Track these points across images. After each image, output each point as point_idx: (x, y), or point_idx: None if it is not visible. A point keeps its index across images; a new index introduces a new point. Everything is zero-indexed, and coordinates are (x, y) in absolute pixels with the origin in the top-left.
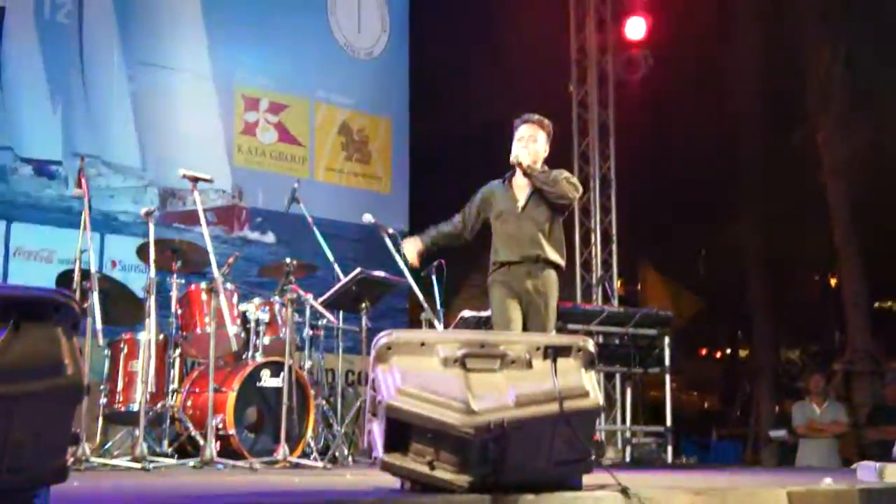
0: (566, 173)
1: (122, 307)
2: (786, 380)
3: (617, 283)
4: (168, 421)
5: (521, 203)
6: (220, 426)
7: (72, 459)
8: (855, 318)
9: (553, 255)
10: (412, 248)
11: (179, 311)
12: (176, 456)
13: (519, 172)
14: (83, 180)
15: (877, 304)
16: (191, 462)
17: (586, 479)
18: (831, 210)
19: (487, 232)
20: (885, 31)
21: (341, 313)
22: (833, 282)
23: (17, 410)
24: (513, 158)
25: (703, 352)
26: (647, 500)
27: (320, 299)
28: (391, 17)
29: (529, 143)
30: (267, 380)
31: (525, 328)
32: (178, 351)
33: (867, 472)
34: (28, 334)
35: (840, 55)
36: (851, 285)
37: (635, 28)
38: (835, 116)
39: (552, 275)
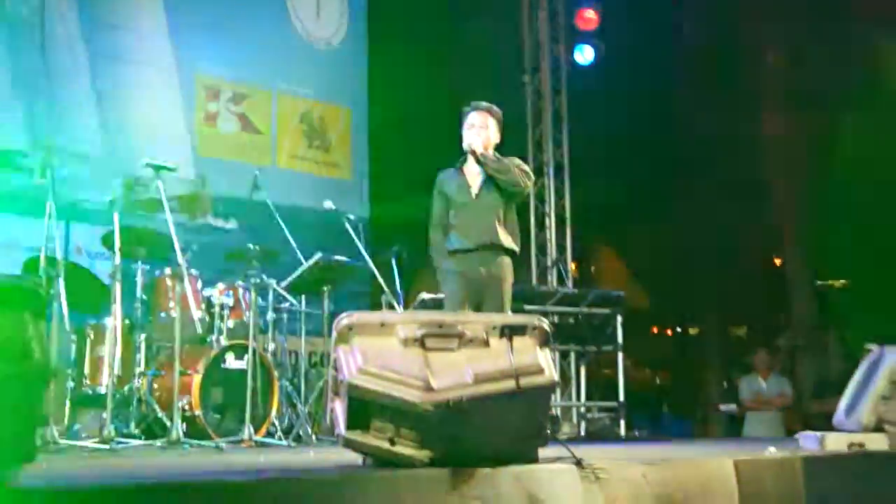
0: (518, 161)
1: (89, 294)
2: (733, 356)
3: (571, 266)
4: (135, 403)
5: (474, 190)
6: (187, 407)
7: (40, 442)
8: (798, 296)
9: (508, 242)
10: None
11: (145, 297)
12: (143, 437)
13: (471, 159)
14: (48, 170)
15: (819, 282)
16: (158, 443)
17: (542, 453)
18: (774, 193)
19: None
20: (827, 29)
21: (304, 297)
22: (777, 260)
23: None
24: (465, 145)
25: (655, 330)
26: (601, 470)
27: (283, 283)
28: (350, 8)
29: (481, 130)
30: (231, 362)
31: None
32: (143, 336)
33: (809, 441)
34: None
35: (783, 41)
36: (795, 264)
37: (586, 18)
38: (780, 102)
39: (507, 261)
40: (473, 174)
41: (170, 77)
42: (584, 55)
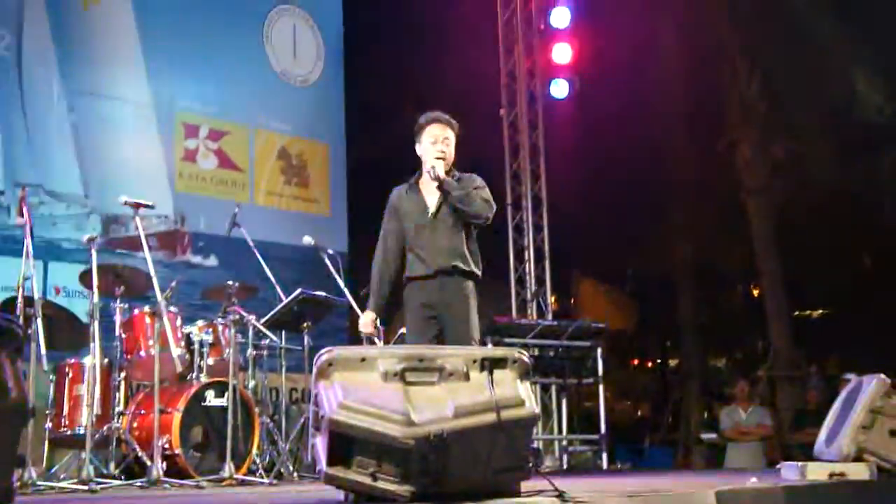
0: (479, 184)
1: (67, 332)
2: (714, 387)
3: (551, 298)
4: (114, 443)
5: (431, 209)
6: (166, 446)
7: (18, 483)
8: (777, 327)
9: (469, 266)
10: (367, 322)
11: (123, 336)
12: (123, 477)
13: (426, 175)
14: (25, 209)
15: (797, 313)
16: (138, 482)
17: (525, 486)
18: (752, 226)
19: None
20: (796, 54)
21: (283, 333)
22: (756, 292)
23: None
24: (427, 170)
25: (635, 362)
26: (584, 503)
27: (263, 320)
28: (326, 46)
29: (443, 146)
30: (212, 399)
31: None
32: (122, 374)
33: (791, 472)
34: None
35: (756, 75)
36: (773, 295)
37: (562, 53)
38: (753, 132)
39: (469, 286)
40: (431, 191)
41: (148, 114)
42: (560, 90)
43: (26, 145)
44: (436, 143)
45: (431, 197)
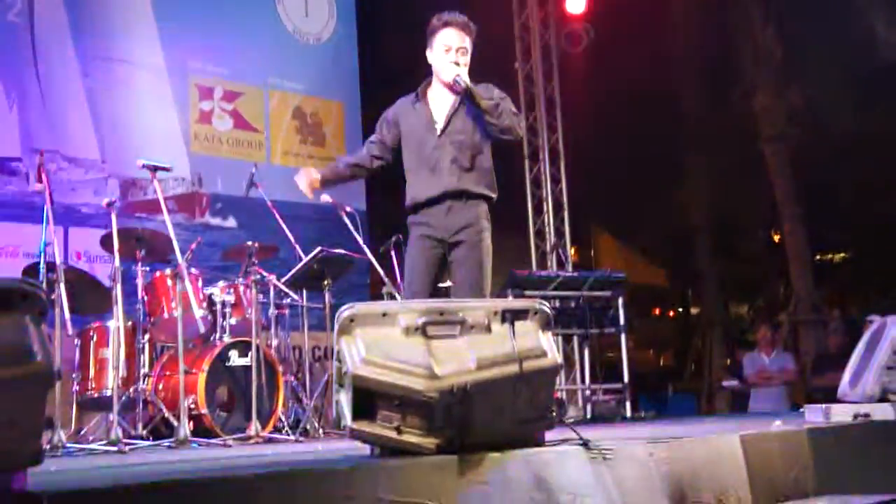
0: (501, 94)
1: (90, 297)
2: (736, 333)
3: (571, 250)
4: (141, 404)
5: (440, 124)
6: (193, 406)
7: (48, 445)
8: (798, 271)
9: (481, 188)
10: (304, 179)
11: (146, 298)
12: (151, 438)
13: (437, 85)
14: (43, 175)
15: (818, 257)
16: (165, 443)
17: (549, 436)
18: (770, 171)
19: None
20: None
21: (304, 292)
22: (776, 237)
23: None
24: (449, 78)
25: (657, 311)
26: (608, 451)
27: (283, 279)
28: (337, 2)
29: (460, 56)
30: (235, 359)
31: (454, 280)
32: (146, 336)
33: (815, 414)
34: None
35: (771, 19)
36: (793, 240)
37: (575, 3)
38: (769, 78)
39: (483, 210)
40: (440, 105)
41: (162, 77)
42: (573, 40)
43: (42, 111)
44: (449, 52)
45: (440, 110)
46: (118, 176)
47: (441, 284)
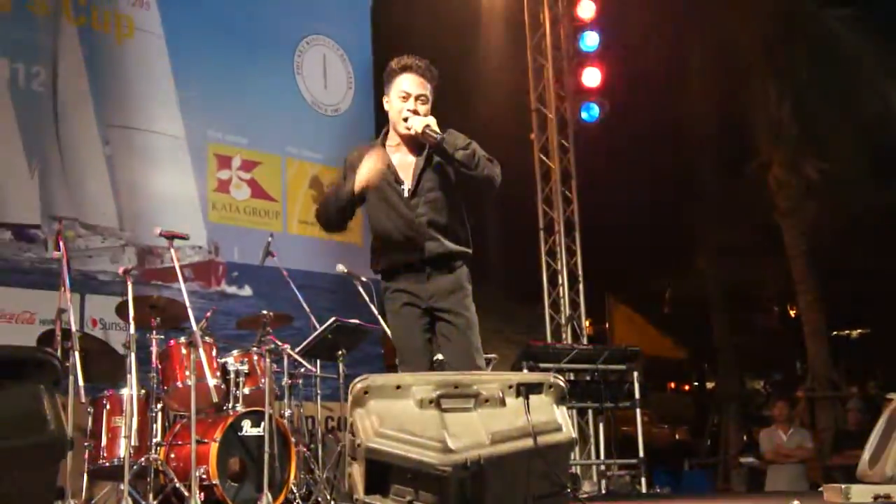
0: (472, 142)
1: (104, 364)
2: (752, 409)
3: (586, 322)
4: (152, 474)
5: (407, 184)
6: (204, 477)
7: None
8: (815, 347)
9: (461, 247)
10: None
11: (160, 366)
12: None
13: (394, 138)
14: (61, 242)
15: (835, 333)
16: None
17: None
18: (787, 245)
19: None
20: (826, 74)
21: (318, 361)
22: (792, 311)
23: (2, 466)
24: (417, 128)
25: (672, 385)
26: None
27: (298, 348)
28: (355, 75)
29: (419, 104)
30: (248, 429)
31: (445, 352)
32: (160, 405)
33: (834, 494)
34: (10, 392)
35: (786, 97)
36: (810, 315)
37: (591, 76)
38: (785, 151)
39: (465, 273)
40: (403, 161)
41: (181, 146)
42: (590, 113)
43: (62, 179)
44: (407, 100)
45: (405, 167)
46: (135, 243)
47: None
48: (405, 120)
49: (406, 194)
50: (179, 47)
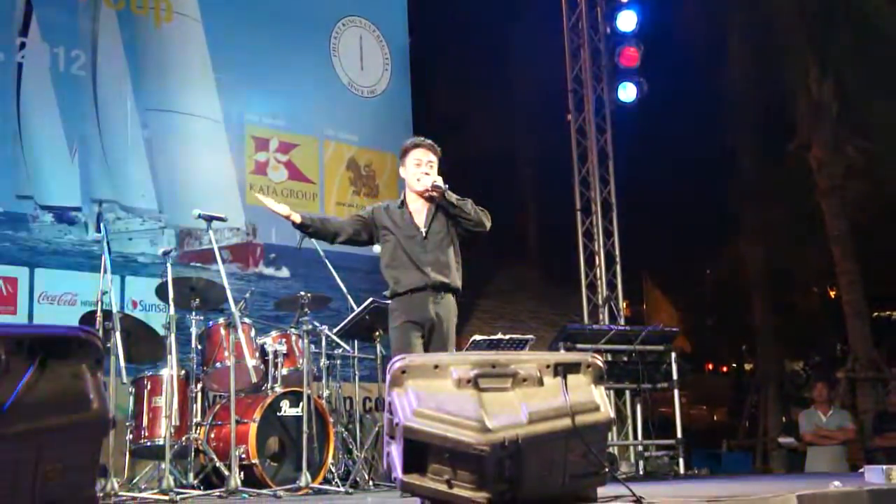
0: (465, 198)
1: (145, 345)
2: (791, 390)
3: (623, 303)
4: (193, 453)
5: (423, 229)
6: (244, 456)
7: (101, 493)
8: (856, 328)
9: (457, 282)
10: (282, 206)
11: (199, 347)
12: (202, 487)
13: (412, 195)
14: (102, 225)
15: (876, 314)
16: (216, 492)
17: (601, 492)
18: (827, 226)
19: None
20: (868, 52)
21: (356, 342)
22: (832, 292)
23: (45, 444)
24: (427, 185)
25: (710, 366)
26: None
27: (335, 329)
28: (392, 56)
29: (429, 168)
30: (287, 409)
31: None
32: (199, 385)
33: (875, 475)
34: (54, 371)
35: (827, 76)
36: (851, 296)
37: (628, 56)
38: (826, 131)
39: (453, 301)
40: (418, 210)
41: (218, 128)
42: (627, 93)
43: (102, 163)
44: (420, 165)
45: (419, 216)
46: (174, 226)
47: None
48: (418, 180)
49: (422, 235)
50: (216, 30)
